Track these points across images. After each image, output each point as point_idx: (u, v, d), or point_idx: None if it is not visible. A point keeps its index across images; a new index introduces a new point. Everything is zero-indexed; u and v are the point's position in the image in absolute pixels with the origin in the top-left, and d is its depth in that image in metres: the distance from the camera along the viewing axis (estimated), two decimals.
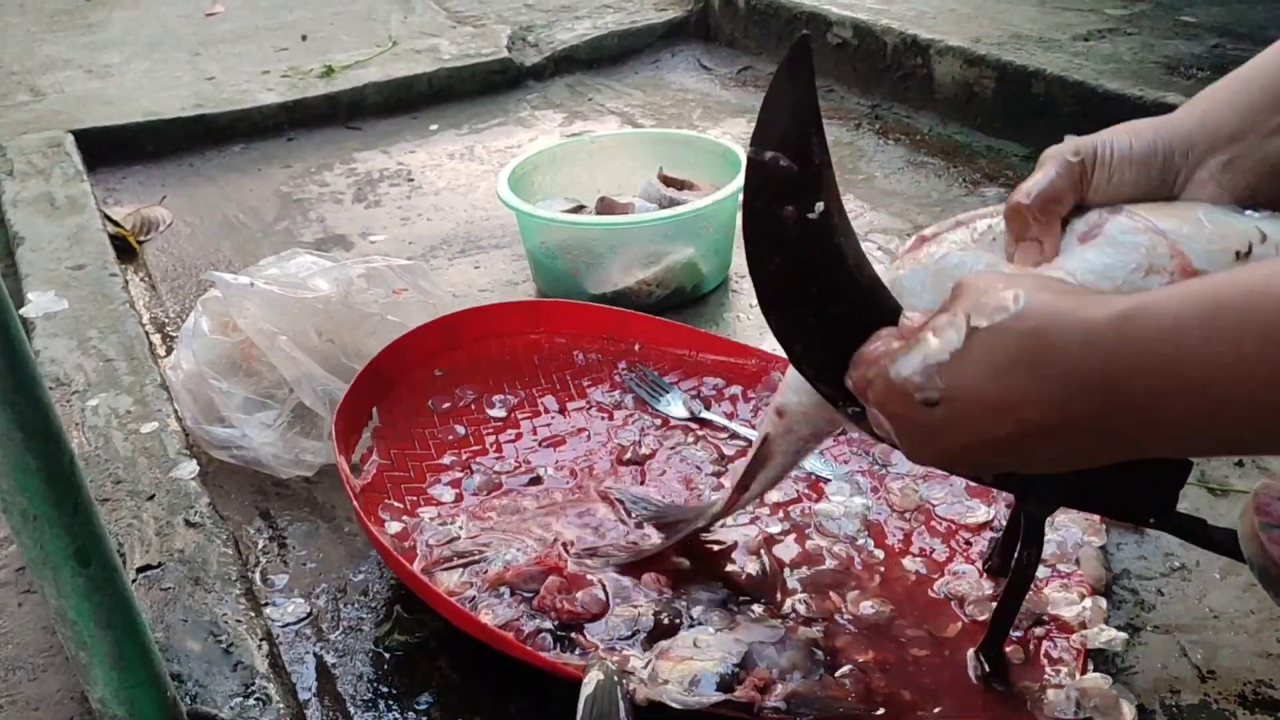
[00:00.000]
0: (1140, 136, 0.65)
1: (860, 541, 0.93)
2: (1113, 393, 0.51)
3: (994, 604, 0.80)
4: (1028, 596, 0.84)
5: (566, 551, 0.90)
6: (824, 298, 0.67)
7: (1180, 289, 0.51)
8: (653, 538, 0.93)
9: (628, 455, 1.05)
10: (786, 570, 0.90)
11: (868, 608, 0.85)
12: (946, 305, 0.59)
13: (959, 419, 0.56)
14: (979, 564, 0.90)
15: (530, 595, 0.85)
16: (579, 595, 0.85)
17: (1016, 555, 0.76)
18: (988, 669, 0.79)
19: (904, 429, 0.60)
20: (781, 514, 0.96)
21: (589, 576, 0.87)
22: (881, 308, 0.69)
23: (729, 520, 0.94)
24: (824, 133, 0.63)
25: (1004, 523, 0.89)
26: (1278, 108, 0.62)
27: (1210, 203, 0.63)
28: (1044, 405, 0.53)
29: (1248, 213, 0.62)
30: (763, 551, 0.92)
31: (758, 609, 0.85)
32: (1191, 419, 0.51)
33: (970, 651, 0.81)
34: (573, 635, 0.82)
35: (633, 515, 0.96)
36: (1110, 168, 0.65)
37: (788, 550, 0.92)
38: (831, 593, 0.85)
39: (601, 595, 0.85)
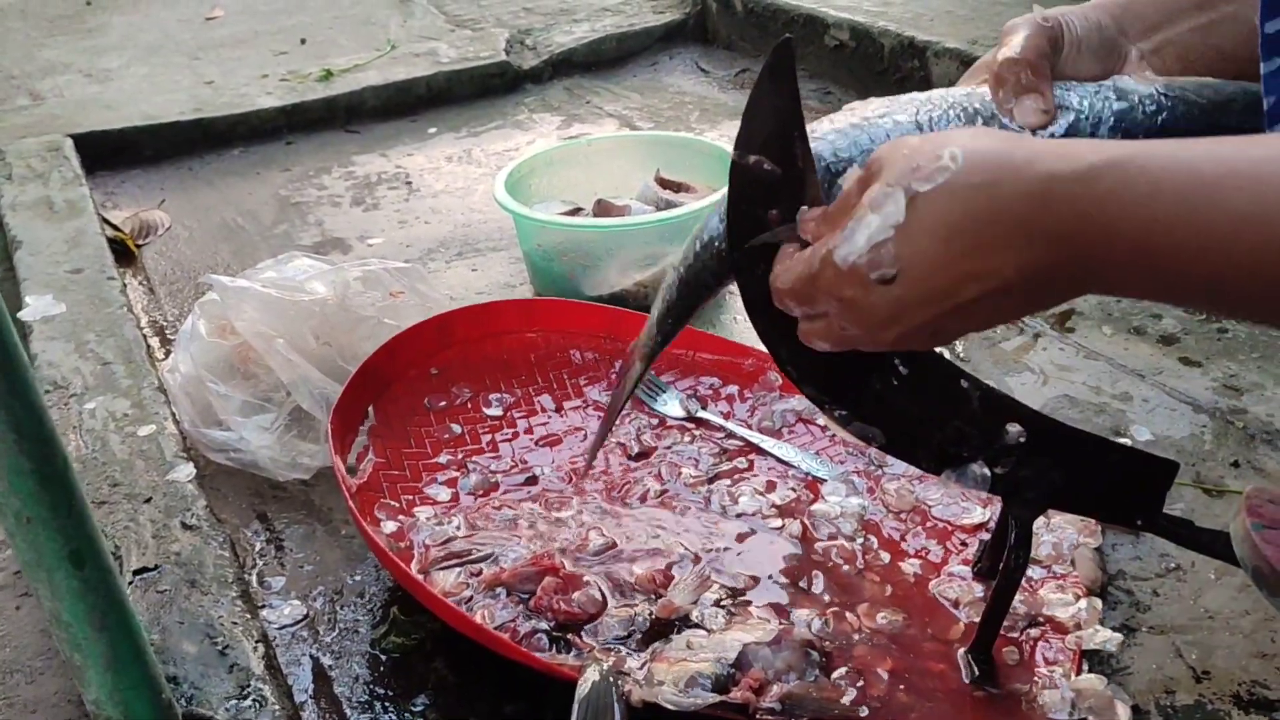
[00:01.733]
0: (1088, 19, 0.67)
1: (861, 542, 0.93)
2: (1081, 247, 0.50)
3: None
4: (1024, 597, 0.84)
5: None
6: None
7: (1161, 149, 0.50)
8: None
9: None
10: (798, 575, 0.90)
11: (881, 619, 0.85)
12: (869, 178, 0.56)
13: (920, 290, 0.54)
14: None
15: (527, 596, 0.85)
16: (575, 596, 0.85)
17: (1005, 558, 0.76)
18: (977, 671, 0.79)
19: (864, 314, 0.57)
20: (780, 519, 0.96)
21: (585, 577, 0.87)
22: None
23: (731, 520, 0.94)
24: (807, 136, 0.63)
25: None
26: (1191, 9, 0.66)
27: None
28: (1008, 264, 0.51)
29: None
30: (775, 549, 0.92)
31: (754, 609, 0.85)
32: (1161, 276, 0.51)
33: (960, 653, 0.81)
34: (569, 636, 0.82)
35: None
36: (1076, 42, 0.67)
37: (793, 551, 0.92)
38: (848, 613, 0.85)
39: (598, 596, 0.85)
